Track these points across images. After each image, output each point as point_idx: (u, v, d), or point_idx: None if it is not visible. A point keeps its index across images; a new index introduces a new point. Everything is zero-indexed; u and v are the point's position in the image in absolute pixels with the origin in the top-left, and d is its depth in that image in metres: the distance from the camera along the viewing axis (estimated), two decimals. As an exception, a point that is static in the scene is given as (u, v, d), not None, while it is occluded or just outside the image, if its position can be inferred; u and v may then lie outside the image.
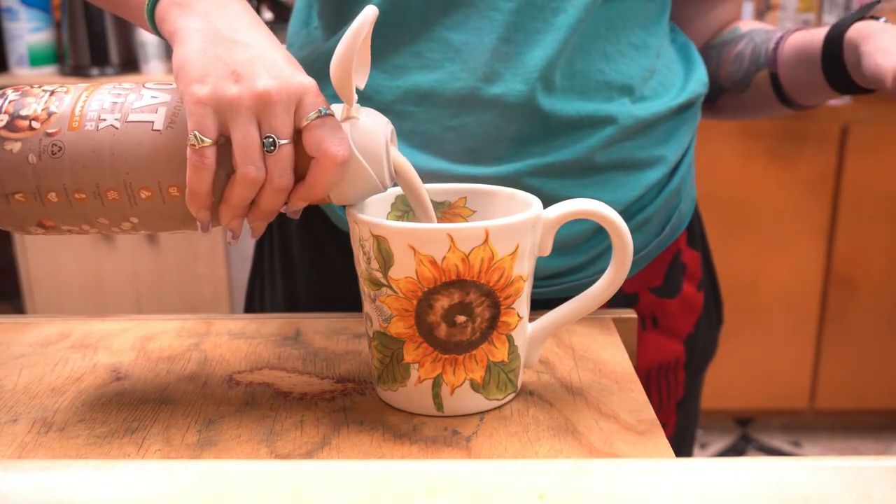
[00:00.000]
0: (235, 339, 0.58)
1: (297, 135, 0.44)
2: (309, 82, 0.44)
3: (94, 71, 1.93)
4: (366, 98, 0.60)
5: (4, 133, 0.45)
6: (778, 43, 0.68)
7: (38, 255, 1.97)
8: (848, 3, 2.01)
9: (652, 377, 0.70)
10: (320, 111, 0.43)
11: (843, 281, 1.92)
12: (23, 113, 0.45)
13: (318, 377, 0.52)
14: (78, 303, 1.98)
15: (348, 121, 0.45)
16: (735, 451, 2.01)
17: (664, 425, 0.72)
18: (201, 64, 0.43)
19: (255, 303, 0.78)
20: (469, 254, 0.43)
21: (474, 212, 0.52)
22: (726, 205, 1.86)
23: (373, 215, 0.46)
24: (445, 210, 0.52)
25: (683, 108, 0.65)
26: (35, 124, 0.45)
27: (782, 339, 1.95)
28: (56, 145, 0.45)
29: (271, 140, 0.43)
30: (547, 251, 0.48)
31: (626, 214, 0.63)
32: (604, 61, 0.60)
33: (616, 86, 0.60)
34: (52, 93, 0.46)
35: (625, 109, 0.60)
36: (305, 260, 0.69)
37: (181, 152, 0.44)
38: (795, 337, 1.95)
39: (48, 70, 1.98)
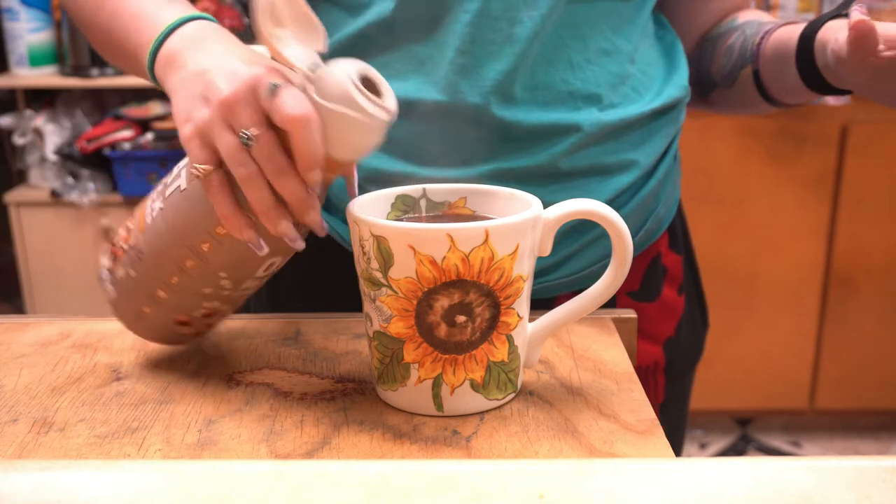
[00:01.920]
0: (235, 339, 0.58)
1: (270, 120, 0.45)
2: (259, 70, 0.45)
3: (94, 71, 1.92)
4: None
5: (112, 266, 0.52)
6: (762, 38, 0.67)
7: (38, 255, 1.97)
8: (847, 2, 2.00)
9: None
10: (270, 87, 0.44)
11: (843, 280, 1.92)
12: (115, 241, 0.52)
13: (318, 377, 0.52)
14: (78, 303, 1.98)
15: (310, 79, 0.45)
16: (735, 451, 2.01)
17: None
18: (183, 108, 0.47)
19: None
20: (469, 254, 0.43)
21: (474, 212, 0.52)
22: (726, 204, 1.86)
23: (373, 215, 0.46)
24: (445, 210, 0.52)
25: (659, 113, 0.64)
26: (123, 245, 0.51)
27: (782, 338, 1.95)
28: (137, 252, 0.50)
29: (245, 135, 0.44)
30: (547, 251, 0.48)
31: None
32: (569, 70, 0.60)
33: (582, 95, 0.60)
34: (140, 211, 0.52)
35: (591, 117, 0.60)
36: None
37: (205, 195, 0.47)
38: (795, 337, 1.95)
39: (48, 70, 1.97)
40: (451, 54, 0.58)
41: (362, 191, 0.61)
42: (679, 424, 0.78)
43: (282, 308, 0.67)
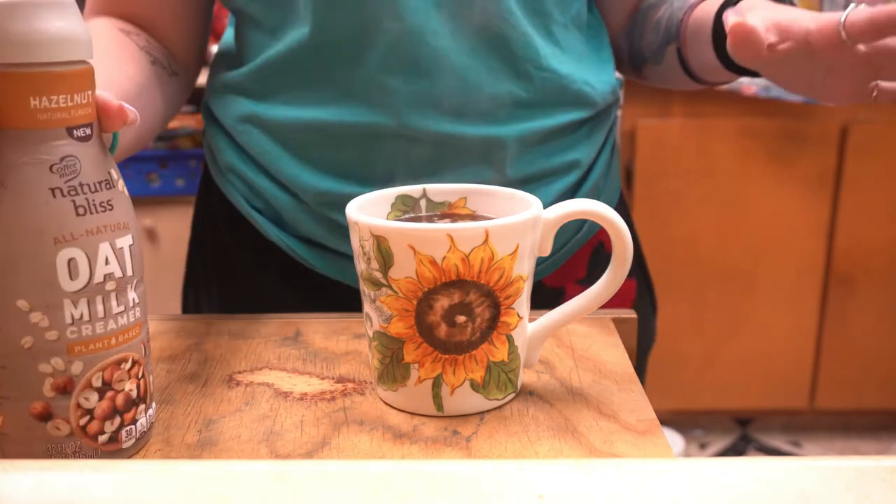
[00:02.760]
0: (235, 339, 0.58)
1: None
2: None
3: (94, 71, 1.92)
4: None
5: None
6: (685, 14, 0.65)
7: (38, 255, 1.96)
8: (847, 3, 2.01)
9: None
10: None
11: (843, 280, 1.92)
12: None
13: (318, 377, 0.52)
14: (78, 303, 1.98)
15: None
16: (735, 451, 2.01)
17: None
18: None
19: (189, 310, 0.78)
20: (469, 254, 0.43)
21: (474, 212, 0.52)
22: (726, 204, 1.86)
23: (373, 215, 0.46)
24: (445, 210, 0.52)
25: (591, 118, 0.65)
26: None
27: (782, 338, 1.95)
28: None
29: None
30: (547, 251, 0.48)
31: None
32: (497, 81, 0.60)
33: (508, 103, 0.61)
34: None
35: (523, 126, 0.61)
36: (242, 268, 0.70)
37: None
38: (795, 336, 1.96)
39: (48, 70, 1.97)
40: (373, 75, 0.59)
41: (317, 216, 0.62)
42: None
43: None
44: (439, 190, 0.52)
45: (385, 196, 0.51)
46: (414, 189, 0.52)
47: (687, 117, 1.83)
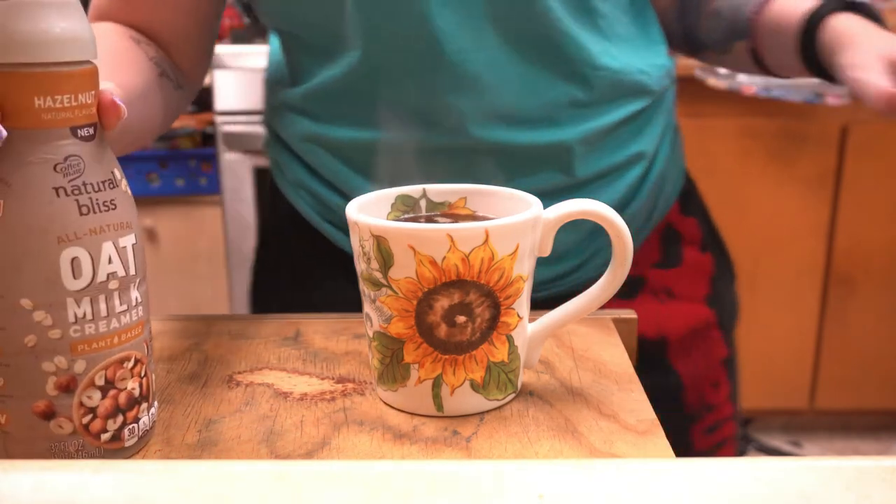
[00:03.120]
0: (235, 339, 0.58)
1: None
2: None
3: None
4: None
5: None
6: (756, 13, 0.65)
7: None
8: (848, 3, 2.00)
9: (688, 342, 0.70)
10: None
11: (843, 280, 1.92)
12: None
13: (318, 377, 0.52)
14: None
15: None
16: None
17: (717, 384, 0.73)
18: None
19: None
20: (469, 254, 0.43)
21: (474, 212, 0.52)
22: (726, 204, 1.86)
23: (373, 215, 0.46)
24: (445, 210, 0.52)
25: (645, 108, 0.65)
26: None
27: (782, 338, 1.95)
28: None
29: None
30: (547, 251, 0.47)
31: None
32: (556, 84, 0.61)
33: (565, 104, 0.61)
34: None
35: (580, 128, 0.61)
36: (311, 276, 0.70)
37: None
38: (795, 336, 1.95)
39: (48, 70, 1.97)
40: (429, 94, 0.59)
41: None
42: (738, 381, 0.78)
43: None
44: (439, 190, 0.52)
45: (385, 196, 0.51)
46: (414, 189, 0.52)
47: (687, 117, 1.82)
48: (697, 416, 0.72)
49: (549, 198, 0.60)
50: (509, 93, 0.60)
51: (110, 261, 0.40)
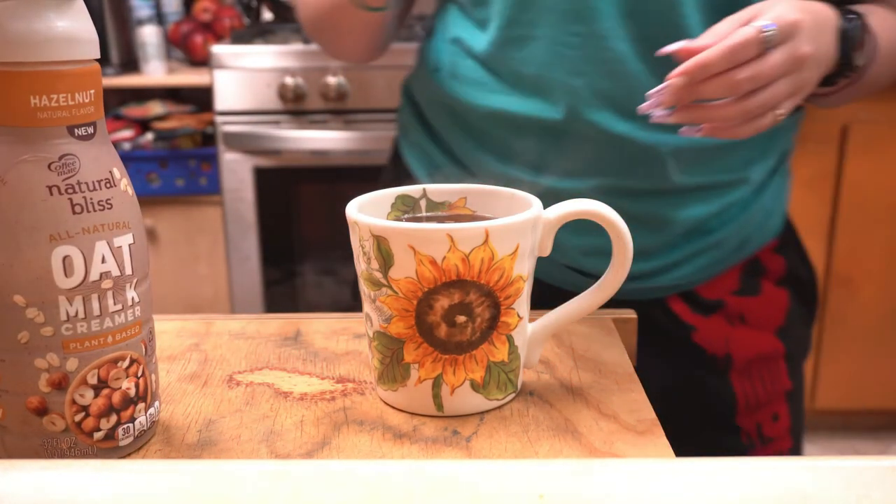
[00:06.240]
0: (235, 339, 0.58)
1: None
2: None
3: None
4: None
5: None
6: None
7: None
8: (848, 3, 2.00)
9: (754, 368, 0.71)
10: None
11: (844, 281, 1.91)
12: None
13: (318, 377, 0.52)
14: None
15: None
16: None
17: (776, 416, 0.73)
18: None
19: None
20: (469, 254, 0.43)
21: (474, 212, 0.52)
22: (726, 205, 1.86)
23: (373, 215, 0.46)
24: (445, 210, 0.52)
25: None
26: None
27: (782, 339, 1.95)
28: None
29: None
30: (547, 251, 0.47)
31: (704, 229, 0.66)
32: None
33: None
34: None
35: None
36: None
37: None
38: (795, 337, 1.95)
39: (48, 70, 1.97)
40: (556, 74, 0.62)
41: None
42: (802, 416, 0.78)
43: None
44: (439, 190, 0.52)
45: (385, 196, 0.51)
46: (414, 189, 0.52)
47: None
48: (752, 446, 0.73)
49: (639, 197, 0.63)
50: (628, 86, 0.61)
51: (104, 260, 0.40)
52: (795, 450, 0.77)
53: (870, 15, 0.60)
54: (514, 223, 0.44)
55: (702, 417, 0.72)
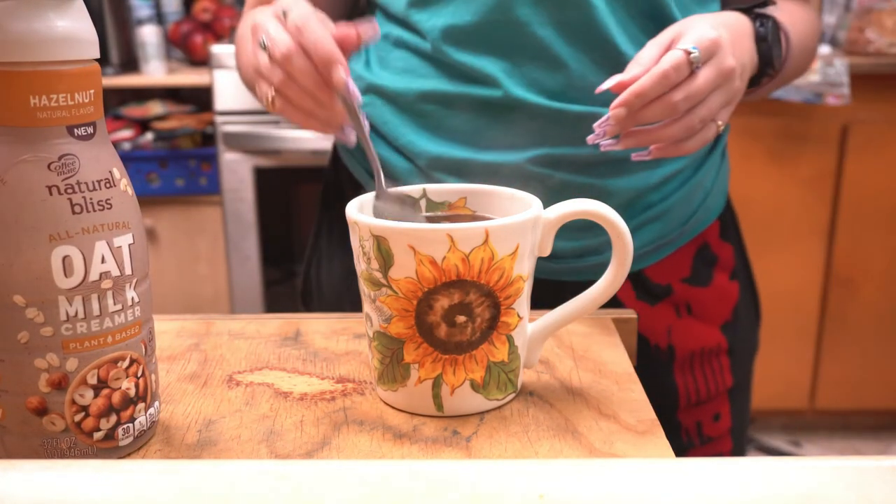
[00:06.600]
0: (235, 339, 0.58)
1: None
2: None
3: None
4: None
5: None
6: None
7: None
8: (848, 3, 2.00)
9: (696, 362, 0.71)
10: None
11: (844, 281, 1.92)
12: None
13: (318, 377, 0.52)
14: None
15: None
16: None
17: (718, 416, 0.73)
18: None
19: (310, 282, 0.80)
20: (469, 254, 0.43)
21: (474, 212, 0.52)
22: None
23: (373, 216, 0.46)
24: (445, 210, 0.52)
25: None
26: None
27: (783, 339, 1.95)
28: None
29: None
30: (547, 251, 0.48)
31: (645, 202, 0.64)
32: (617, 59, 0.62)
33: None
34: None
35: None
36: None
37: None
38: (796, 337, 1.95)
39: (48, 70, 1.97)
40: (497, 62, 0.62)
41: (430, 179, 0.65)
42: (746, 415, 0.78)
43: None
44: (439, 190, 0.52)
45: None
46: (414, 189, 0.52)
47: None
48: (691, 445, 0.72)
49: (578, 169, 0.63)
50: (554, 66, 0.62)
51: (103, 260, 0.40)
52: (737, 451, 0.76)
53: (778, 12, 0.64)
54: (514, 223, 0.44)
55: None
